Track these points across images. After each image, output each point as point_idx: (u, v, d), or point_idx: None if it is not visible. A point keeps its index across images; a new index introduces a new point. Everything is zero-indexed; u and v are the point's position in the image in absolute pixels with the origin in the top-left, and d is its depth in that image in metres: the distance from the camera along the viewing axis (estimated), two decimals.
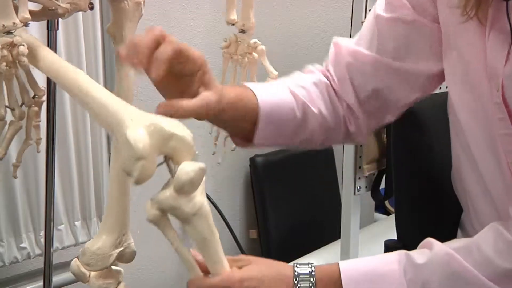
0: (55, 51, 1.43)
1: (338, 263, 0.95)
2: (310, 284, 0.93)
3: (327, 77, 1.17)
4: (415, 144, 1.36)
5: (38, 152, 1.37)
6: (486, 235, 0.96)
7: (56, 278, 1.72)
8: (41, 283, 1.69)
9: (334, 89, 1.16)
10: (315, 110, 1.12)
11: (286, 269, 0.95)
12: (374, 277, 0.93)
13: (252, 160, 2.64)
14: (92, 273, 0.93)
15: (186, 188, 0.81)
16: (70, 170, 1.95)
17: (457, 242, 0.97)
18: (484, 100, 1.03)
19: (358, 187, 1.98)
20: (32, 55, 1.05)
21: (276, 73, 1.72)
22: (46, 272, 1.61)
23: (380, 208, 3.07)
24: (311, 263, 0.95)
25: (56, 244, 1.92)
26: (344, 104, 1.16)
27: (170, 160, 0.84)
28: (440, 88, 2.08)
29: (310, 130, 1.13)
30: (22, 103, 1.33)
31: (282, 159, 2.72)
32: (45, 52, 1.03)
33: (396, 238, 1.43)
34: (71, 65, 1.00)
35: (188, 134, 0.83)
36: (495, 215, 1.05)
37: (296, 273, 0.94)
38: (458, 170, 1.17)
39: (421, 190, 1.38)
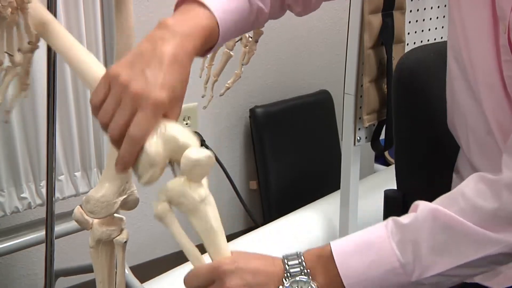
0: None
1: (329, 243, 0.93)
2: (299, 261, 0.91)
3: None
4: (415, 94, 1.36)
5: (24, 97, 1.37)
6: (468, 181, 0.93)
7: (57, 228, 1.73)
8: (42, 232, 1.70)
9: None
10: (266, 10, 1.11)
11: (275, 261, 0.93)
12: (363, 246, 0.91)
13: (252, 110, 2.64)
14: (95, 220, 0.93)
15: (195, 171, 0.85)
16: (69, 120, 1.95)
17: (442, 197, 0.94)
18: (477, 46, 1.04)
19: (358, 138, 1.99)
20: (45, 30, 1.05)
21: None
22: (48, 222, 1.61)
23: (380, 159, 3.08)
24: (299, 252, 0.93)
25: (56, 194, 1.92)
26: None
27: (175, 164, 0.88)
28: (442, 38, 2.08)
29: (261, 23, 1.15)
30: (18, 49, 1.32)
31: (282, 109, 2.71)
32: (57, 28, 1.04)
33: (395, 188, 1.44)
34: (82, 46, 1.00)
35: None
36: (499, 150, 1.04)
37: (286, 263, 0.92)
38: (459, 109, 1.16)
39: (421, 139, 1.38)
